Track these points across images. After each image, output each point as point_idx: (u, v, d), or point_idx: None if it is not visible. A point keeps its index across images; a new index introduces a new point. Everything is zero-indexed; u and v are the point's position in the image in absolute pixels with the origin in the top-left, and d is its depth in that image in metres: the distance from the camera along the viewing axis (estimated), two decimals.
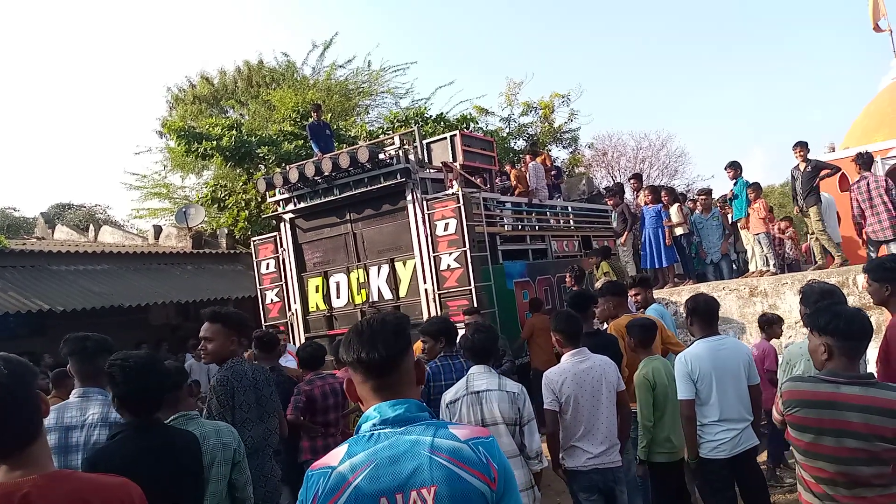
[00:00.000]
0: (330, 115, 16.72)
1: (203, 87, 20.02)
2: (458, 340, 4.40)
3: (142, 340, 10.86)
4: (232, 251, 14.85)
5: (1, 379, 1.51)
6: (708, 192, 10.28)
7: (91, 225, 16.84)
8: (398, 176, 8.52)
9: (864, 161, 7.83)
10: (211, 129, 14.93)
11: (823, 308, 2.63)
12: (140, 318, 11.98)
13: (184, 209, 14.87)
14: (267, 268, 9.87)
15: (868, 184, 7.74)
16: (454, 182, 8.78)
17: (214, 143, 14.19)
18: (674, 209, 9.72)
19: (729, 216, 9.81)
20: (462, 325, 7.05)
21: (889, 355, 3.18)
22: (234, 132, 14.69)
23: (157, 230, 15.52)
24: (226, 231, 15.09)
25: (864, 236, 7.98)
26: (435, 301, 8.30)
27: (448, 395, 3.46)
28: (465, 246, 8.15)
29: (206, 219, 15.73)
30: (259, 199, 14.99)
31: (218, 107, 19.84)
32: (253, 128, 16.44)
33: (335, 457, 1.55)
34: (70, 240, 15.01)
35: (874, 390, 2.41)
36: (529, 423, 3.37)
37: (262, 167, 15.30)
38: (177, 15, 54.63)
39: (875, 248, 7.80)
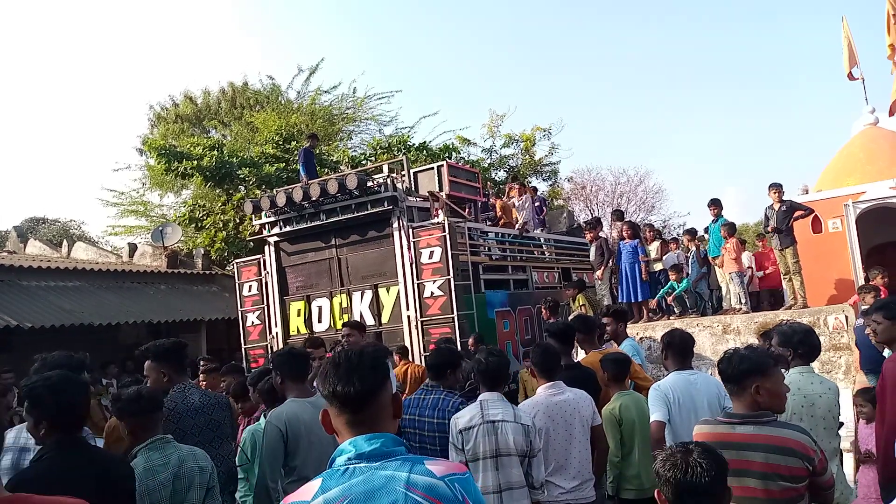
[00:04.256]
0: None
1: (186, 107, 19.95)
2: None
3: (109, 360, 10.59)
4: (207, 272, 14.65)
5: None
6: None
7: (65, 240, 16.49)
8: (385, 203, 8.59)
9: None
10: (192, 148, 14.86)
11: (726, 353, 2.72)
12: (109, 337, 11.69)
13: (160, 228, 14.67)
14: (249, 290, 9.79)
15: None
16: (440, 211, 8.88)
17: (195, 162, 14.12)
18: (654, 246, 9.93)
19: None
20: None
21: (885, 391, 3.20)
22: (215, 153, 14.65)
23: (132, 248, 15.25)
24: (202, 251, 14.90)
25: None
26: (417, 328, 8.31)
27: (461, 422, 3.40)
28: (448, 274, 8.21)
29: (182, 238, 15.53)
30: (237, 221, 14.89)
31: (200, 127, 19.77)
32: (234, 149, 16.40)
33: (308, 491, 1.50)
34: (42, 255, 14.66)
35: (768, 429, 2.47)
36: (538, 454, 3.37)
37: (242, 188, 15.23)
38: (162, 34, 54.55)
39: None
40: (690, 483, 1.94)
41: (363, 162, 15.97)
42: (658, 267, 9.78)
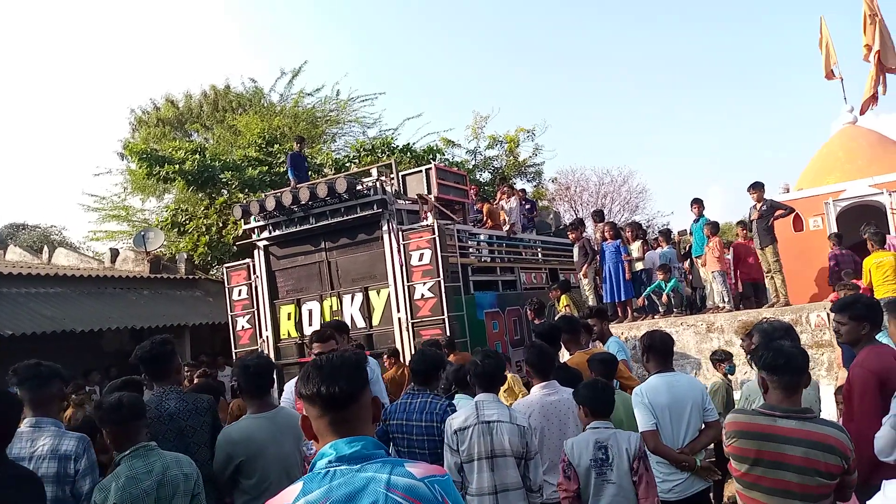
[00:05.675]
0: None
1: (167, 110, 19.74)
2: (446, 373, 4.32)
3: (91, 367, 10.45)
4: (191, 277, 14.50)
5: None
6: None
7: (45, 246, 16.22)
8: (374, 206, 8.62)
9: None
10: (174, 152, 14.72)
11: (768, 345, 2.75)
12: (92, 344, 11.54)
13: (142, 233, 14.49)
14: (239, 294, 9.76)
15: None
16: (429, 214, 8.91)
17: (177, 166, 13.99)
18: (636, 245, 10.05)
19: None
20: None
21: (851, 394, 3.20)
22: (197, 156, 14.52)
23: (114, 253, 15.06)
24: (185, 256, 14.75)
25: None
26: (408, 330, 8.35)
27: (455, 423, 3.40)
28: (438, 276, 8.25)
29: (165, 243, 15.37)
30: (220, 225, 14.77)
31: (182, 130, 19.59)
32: (217, 153, 16.27)
33: (290, 495, 1.51)
34: (22, 261, 14.44)
35: (811, 424, 2.50)
36: (535, 457, 3.37)
37: (225, 192, 15.11)
38: (143, 37, 53.70)
39: None
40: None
41: (347, 164, 15.93)
42: (640, 266, 9.91)
